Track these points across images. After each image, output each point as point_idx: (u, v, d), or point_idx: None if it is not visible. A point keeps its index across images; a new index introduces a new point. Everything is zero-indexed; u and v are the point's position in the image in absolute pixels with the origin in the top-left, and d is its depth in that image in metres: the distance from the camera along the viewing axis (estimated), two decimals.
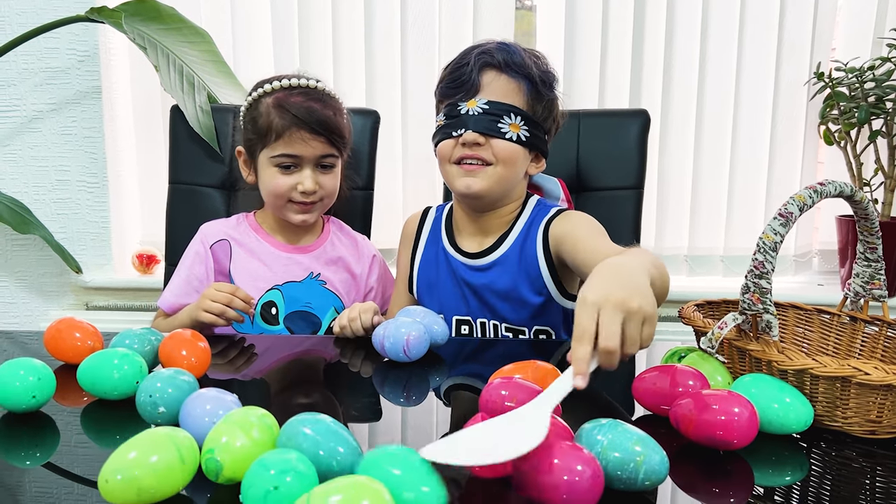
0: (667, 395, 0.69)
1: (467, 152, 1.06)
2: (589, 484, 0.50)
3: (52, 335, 0.85)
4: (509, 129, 1.05)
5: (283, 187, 1.16)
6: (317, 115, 1.14)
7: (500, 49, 1.07)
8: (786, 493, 0.57)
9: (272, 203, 1.20)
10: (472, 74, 1.06)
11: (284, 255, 1.23)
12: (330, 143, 1.16)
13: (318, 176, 1.17)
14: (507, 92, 1.06)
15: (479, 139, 1.04)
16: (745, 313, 0.73)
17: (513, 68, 1.06)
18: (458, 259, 1.15)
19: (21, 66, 1.70)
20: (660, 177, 1.83)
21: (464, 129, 1.05)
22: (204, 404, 0.61)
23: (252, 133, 1.18)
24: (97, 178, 1.75)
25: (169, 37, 1.52)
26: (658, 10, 1.76)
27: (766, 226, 0.71)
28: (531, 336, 1.11)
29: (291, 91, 1.16)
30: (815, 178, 1.89)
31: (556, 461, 0.50)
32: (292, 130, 1.13)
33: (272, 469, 0.48)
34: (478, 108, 1.05)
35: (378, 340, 0.91)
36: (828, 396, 0.68)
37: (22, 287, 1.81)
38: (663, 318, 1.78)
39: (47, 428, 0.68)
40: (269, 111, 1.15)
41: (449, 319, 1.15)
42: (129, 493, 0.49)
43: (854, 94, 1.71)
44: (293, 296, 1.20)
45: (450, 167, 1.09)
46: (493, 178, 1.06)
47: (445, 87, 1.10)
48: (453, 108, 1.07)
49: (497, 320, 1.12)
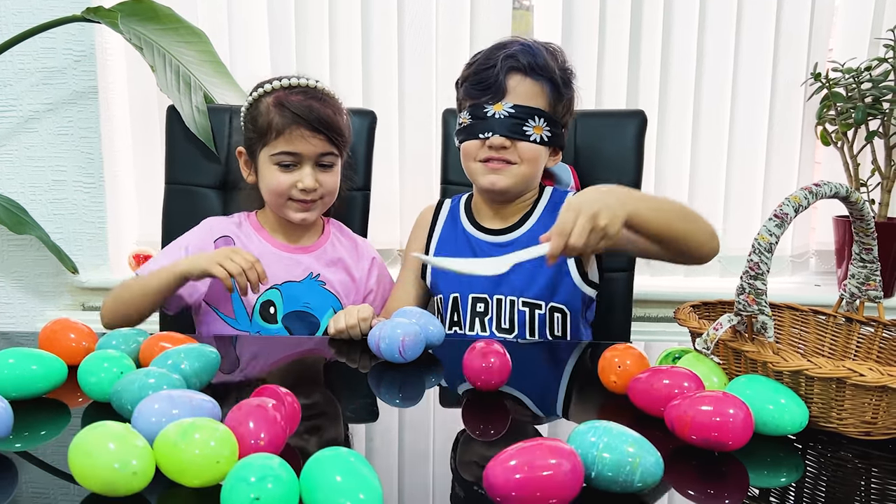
0: (662, 397, 0.69)
1: (493, 154, 1.11)
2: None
3: (46, 336, 0.85)
4: (533, 131, 1.10)
5: (284, 185, 1.16)
6: (317, 112, 1.14)
7: (524, 52, 1.10)
8: (781, 494, 0.57)
9: (272, 202, 1.20)
10: (498, 77, 1.09)
11: (286, 255, 1.22)
12: (329, 141, 1.16)
13: (318, 174, 1.18)
14: (531, 95, 1.10)
15: (505, 143, 1.09)
16: (741, 314, 0.73)
17: (537, 71, 1.10)
18: (479, 237, 1.19)
19: (17, 66, 1.70)
20: (657, 177, 1.83)
21: (491, 132, 1.09)
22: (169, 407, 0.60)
23: (252, 132, 1.19)
24: (93, 179, 1.75)
25: (165, 37, 1.52)
26: (655, 10, 1.76)
27: (762, 227, 0.71)
28: (547, 312, 1.14)
29: (291, 90, 1.17)
30: (812, 178, 1.89)
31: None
32: (292, 128, 1.14)
33: (252, 476, 0.48)
34: (504, 112, 1.09)
35: (374, 341, 0.90)
36: (823, 398, 0.68)
37: (18, 287, 1.81)
38: (658, 320, 1.78)
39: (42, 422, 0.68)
40: (269, 110, 1.15)
41: (465, 297, 1.17)
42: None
43: (851, 94, 1.71)
44: (292, 295, 1.20)
45: (475, 165, 1.14)
46: (518, 177, 1.12)
47: (471, 88, 1.13)
48: (479, 110, 1.11)
49: (515, 295, 1.14)
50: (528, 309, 1.14)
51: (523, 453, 0.52)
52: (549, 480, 0.50)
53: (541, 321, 1.14)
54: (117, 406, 0.68)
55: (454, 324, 1.18)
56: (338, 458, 0.50)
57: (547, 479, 0.50)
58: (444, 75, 1.79)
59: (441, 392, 0.84)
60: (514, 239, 1.17)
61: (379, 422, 0.74)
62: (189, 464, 0.53)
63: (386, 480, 0.58)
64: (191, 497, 0.54)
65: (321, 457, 0.51)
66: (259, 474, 0.48)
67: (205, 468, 0.52)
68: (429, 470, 0.63)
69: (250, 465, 0.49)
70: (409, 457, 0.65)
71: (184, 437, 0.53)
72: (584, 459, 0.54)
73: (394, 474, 0.61)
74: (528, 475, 0.50)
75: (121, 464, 0.51)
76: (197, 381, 0.75)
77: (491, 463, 0.52)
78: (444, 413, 0.79)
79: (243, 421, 0.57)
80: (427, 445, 0.68)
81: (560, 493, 0.50)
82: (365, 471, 0.50)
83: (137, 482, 0.52)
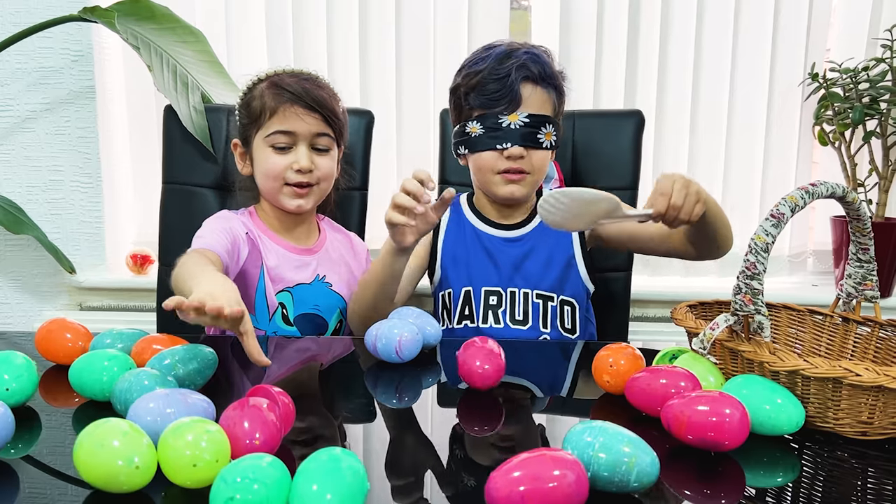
0: (659, 397, 0.69)
1: (512, 165, 1.13)
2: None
3: (42, 336, 0.85)
4: (545, 138, 1.13)
5: (279, 167, 1.14)
6: (311, 93, 1.14)
7: (533, 61, 1.12)
8: (777, 494, 0.57)
9: (267, 187, 1.18)
10: (513, 87, 1.10)
11: (297, 257, 1.21)
12: (325, 121, 1.15)
13: (314, 157, 1.16)
14: (541, 103, 1.14)
15: (523, 153, 1.12)
16: (737, 314, 0.73)
17: (546, 80, 1.13)
18: (490, 232, 1.22)
19: (14, 66, 1.69)
20: (654, 177, 1.83)
21: (509, 143, 1.12)
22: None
23: (246, 118, 1.18)
24: (91, 179, 1.74)
25: (163, 36, 1.51)
26: (653, 10, 1.76)
27: (758, 227, 0.71)
28: (558, 305, 1.17)
29: (285, 74, 1.17)
30: (810, 178, 1.89)
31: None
32: (286, 106, 1.13)
33: (238, 477, 0.48)
34: (520, 122, 1.11)
35: (370, 341, 0.90)
36: (819, 397, 0.68)
37: (16, 287, 1.81)
38: (656, 319, 1.78)
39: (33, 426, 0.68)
40: (262, 93, 1.15)
41: (478, 291, 1.19)
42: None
43: (848, 94, 1.71)
44: (302, 298, 1.19)
45: (492, 177, 1.16)
46: (532, 185, 1.18)
47: (483, 98, 1.13)
48: (493, 120, 1.12)
49: (529, 288, 1.17)
50: (542, 301, 1.17)
51: (526, 465, 0.50)
52: (554, 493, 0.49)
53: (553, 313, 1.17)
54: (120, 404, 0.67)
55: (465, 317, 1.19)
56: (328, 461, 0.50)
57: (551, 490, 0.49)
58: (442, 75, 1.78)
59: (438, 392, 0.84)
60: (524, 234, 1.21)
61: (376, 422, 0.74)
62: (178, 463, 0.53)
63: (383, 481, 0.58)
64: (191, 495, 0.54)
65: (313, 458, 0.51)
66: (244, 475, 0.48)
67: (193, 469, 0.53)
68: (426, 470, 0.62)
69: (237, 465, 0.49)
70: (406, 457, 0.65)
71: (175, 437, 0.53)
72: (579, 459, 0.54)
73: (387, 475, 0.61)
74: (532, 487, 0.49)
75: (125, 459, 0.52)
76: (194, 380, 0.75)
77: (493, 475, 0.51)
78: (441, 413, 0.79)
79: (238, 421, 0.57)
80: (426, 445, 0.68)
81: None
82: (351, 474, 0.49)
83: (140, 478, 0.52)
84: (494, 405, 0.78)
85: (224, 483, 0.48)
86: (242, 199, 1.29)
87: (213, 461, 0.53)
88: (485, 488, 0.51)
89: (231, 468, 0.49)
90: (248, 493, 0.47)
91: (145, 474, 0.53)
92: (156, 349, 0.80)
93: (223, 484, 0.48)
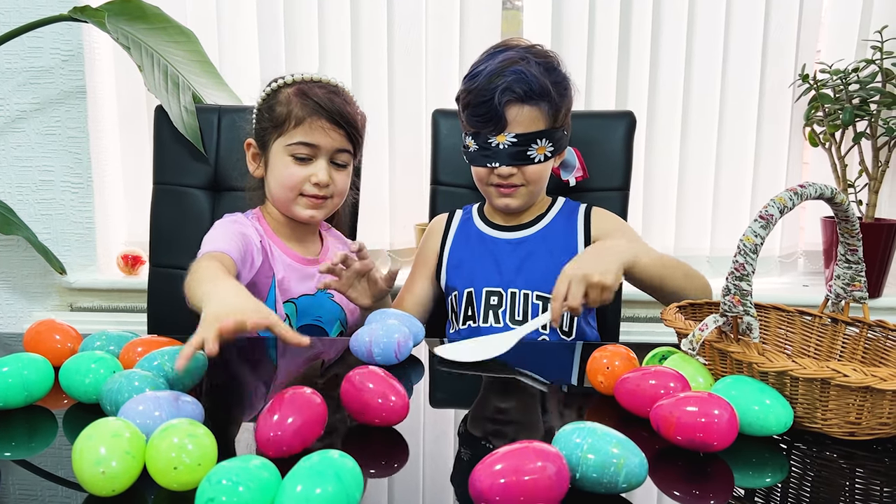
0: (647, 398, 0.69)
1: (503, 182, 1.17)
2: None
3: (31, 337, 0.85)
4: (537, 153, 1.14)
5: (297, 178, 1.13)
6: (338, 107, 1.12)
7: (519, 81, 1.11)
8: (766, 494, 0.57)
9: (281, 196, 1.16)
10: (497, 111, 1.11)
11: (300, 267, 1.19)
12: (347, 138, 1.14)
13: (332, 171, 1.15)
14: (531, 120, 1.14)
15: (512, 171, 1.15)
16: (726, 315, 0.73)
17: (533, 98, 1.12)
18: (495, 235, 1.25)
19: (4, 66, 1.68)
20: (646, 178, 1.84)
21: (497, 163, 1.15)
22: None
23: (268, 122, 1.15)
24: (81, 179, 1.74)
25: (153, 36, 1.51)
26: (644, 11, 1.77)
27: (747, 228, 0.71)
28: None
29: (314, 83, 1.15)
30: (801, 179, 1.90)
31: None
32: (313, 119, 1.11)
33: (223, 479, 0.48)
34: (507, 142, 1.13)
35: (364, 348, 0.88)
36: (807, 398, 0.68)
37: (6, 288, 1.80)
38: (647, 320, 1.78)
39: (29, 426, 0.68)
40: (289, 99, 1.13)
41: (479, 291, 1.21)
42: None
43: (839, 96, 1.72)
44: (305, 309, 1.18)
45: (488, 188, 1.20)
46: (528, 195, 1.20)
47: (472, 118, 1.15)
48: (483, 140, 1.15)
49: (529, 289, 1.18)
50: (542, 303, 1.17)
51: (508, 457, 0.51)
52: (534, 484, 0.50)
53: None
54: (110, 405, 0.67)
55: (468, 318, 1.21)
56: (319, 462, 0.49)
57: (531, 483, 0.50)
58: (434, 76, 1.79)
59: (430, 391, 0.84)
60: (528, 236, 1.23)
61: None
62: (160, 465, 0.53)
63: (380, 482, 0.58)
64: (178, 498, 0.54)
65: (306, 460, 0.50)
66: (229, 477, 0.47)
67: (174, 472, 0.52)
68: (418, 472, 0.62)
69: (225, 467, 0.49)
70: (404, 458, 0.65)
71: (160, 440, 0.53)
72: (568, 460, 0.54)
73: (384, 477, 0.61)
74: (513, 479, 0.50)
75: (116, 461, 0.52)
76: (183, 382, 0.74)
77: (477, 467, 0.52)
78: (433, 413, 0.79)
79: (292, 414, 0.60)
80: (417, 446, 0.68)
81: (545, 496, 0.50)
82: (343, 476, 0.49)
83: (119, 483, 0.53)
84: (493, 405, 0.78)
85: (208, 484, 0.47)
86: (231, 201, 1.28)
87: (194, 465, 0.52)
88: (468, 480, 0.52)
89: (218, 469, 0.48)
90: (233, 496, 0.46)
91: (126, 477, 0.53)
92: (142, 351, 0.79)
93: (207, 485, 0.47)
